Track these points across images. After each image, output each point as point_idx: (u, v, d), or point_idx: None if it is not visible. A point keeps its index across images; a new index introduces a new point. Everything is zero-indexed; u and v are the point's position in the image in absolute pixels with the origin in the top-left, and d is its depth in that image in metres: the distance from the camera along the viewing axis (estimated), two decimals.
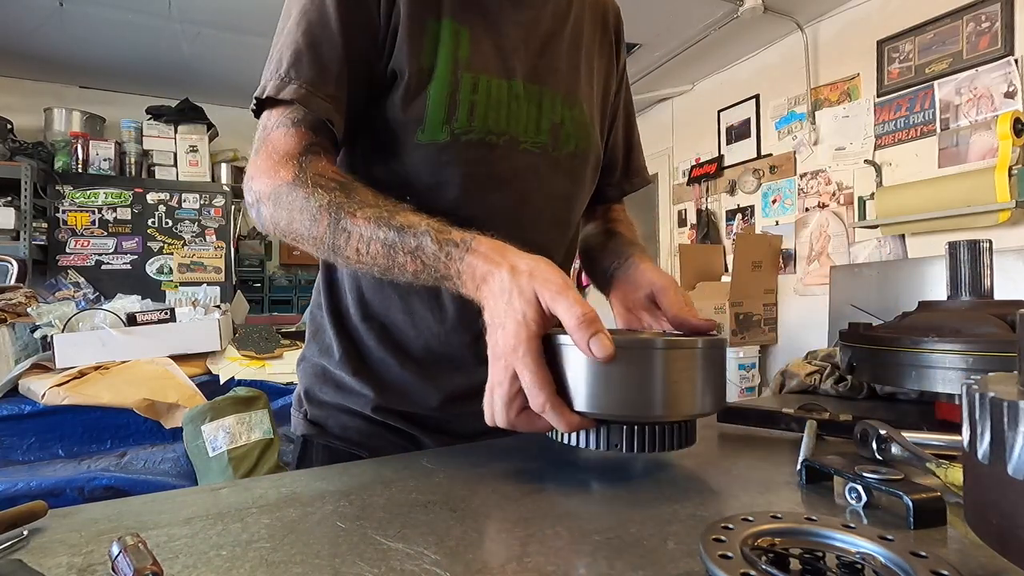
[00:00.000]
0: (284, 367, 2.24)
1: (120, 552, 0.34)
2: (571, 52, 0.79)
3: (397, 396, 0.75)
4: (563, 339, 0.51)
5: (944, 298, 0.79)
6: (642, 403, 0.50)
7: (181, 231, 4.19)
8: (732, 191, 4.26)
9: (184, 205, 4.20)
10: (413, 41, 0.67)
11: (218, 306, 2.49)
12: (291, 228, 0.62)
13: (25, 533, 0.40)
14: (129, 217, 4.07)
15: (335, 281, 0.80)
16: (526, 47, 0.74)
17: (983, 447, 0.29)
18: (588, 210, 0.96)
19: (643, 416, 0.51)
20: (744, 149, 4.15)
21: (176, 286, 4.04)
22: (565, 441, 0.53)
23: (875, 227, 3.16)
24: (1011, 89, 2.68)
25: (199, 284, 3.91)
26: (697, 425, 0.57)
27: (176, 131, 4.24)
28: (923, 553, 0.30)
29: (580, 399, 0.50)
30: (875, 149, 3.24)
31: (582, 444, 0.52)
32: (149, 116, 4.24)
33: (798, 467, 0.51)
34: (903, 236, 3.13)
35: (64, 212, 3.91)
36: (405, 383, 0.75)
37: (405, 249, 0.56)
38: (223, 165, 4.41)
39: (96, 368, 1.98)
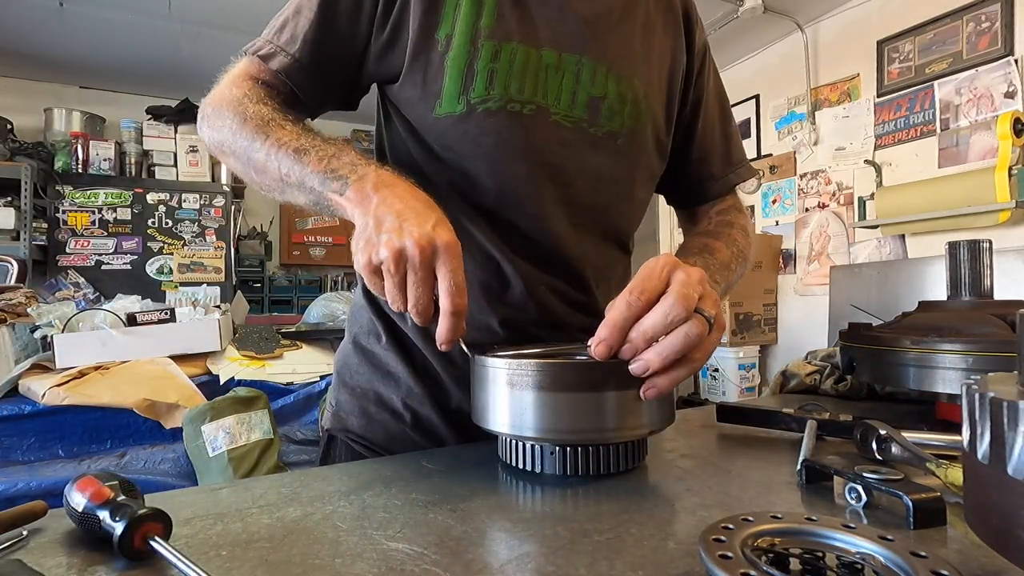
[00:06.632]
0: (284, 367, 2.24)
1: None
2: (624, 26, 0.74)
3: (429, 380, 0.72)
4: (492, 361, 0.53)
5: (944, 298, 0.79)
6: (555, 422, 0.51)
7: (181, 231, 4.19)
8: None
9: (184, 205, 4.19)
10: (428, 16, 0.66)
11: (218, 306, 2.49)
12: (221, 135, 0.65)
13: (25, 533, 0.40)
14: (129, 217, 4.07)
15: None
16: (565, 17, 0.70)
17: (983, 447, 0.29)
18: (691, 213, 0.90)
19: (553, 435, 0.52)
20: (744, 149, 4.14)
21: (176, 286, 4.03)
22: (520, 465, 0.54)
23: (875, 227, 3.16)
24: (1011, 89, 2.68)
25: (199, 284, 3.91)
26: (648, 442, 0.57)
27: (176, 131, 4.23)
28: (923, 553, 0.30)
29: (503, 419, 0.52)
30: (875, 149, 3.24)
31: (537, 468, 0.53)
32: (149, 116, 4.24)
33: (798, 467, 0.51)
34: (903, 236, 3.12)
35: (64, 212, 3.91)
36: (439, 368, 0.72)
37: (318, 153, 0.58)
38: (223, 165, 4.40)
39: (96, 368, 1.98)
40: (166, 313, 2.17)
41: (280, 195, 0.62)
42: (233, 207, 4.39)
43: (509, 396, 0.52)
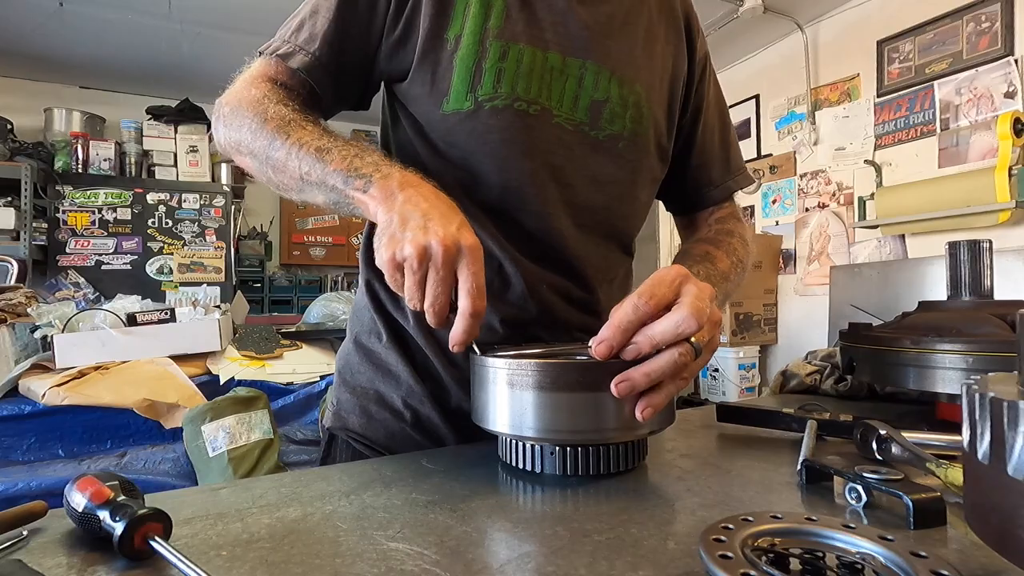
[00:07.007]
0: (284, 367, 2.24)
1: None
2: (626, 32, 0.75)
3: (429, 379, 0.72)
4: (492, 361, 0.53)
5: (944, 298, 0.79)
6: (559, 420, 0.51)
7: (181, 231, 4.19)
8: None
9: (184, 205, 4.20)
10: (438, 17, 0.68)
11: (218, 306, 2.49)
12: (239, 135, 0.65)
13: (25, 533, 0.40)
14: (129, 217, 4.07)
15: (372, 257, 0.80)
16: (569, 21, 0.71)
17: (983, 447, 0.29)
18: (690, 219, 0.91)
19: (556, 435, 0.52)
20: (744, 149, 4.09)
21: (176, 286, 4.03)
22: (520, 465, 0.54)
23: (875, 227, 3.16)
24: (1011, 89, 2.68)
25: (199, 284, 3.91)
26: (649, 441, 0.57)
27: (176, 131, 4.24)
28: (923, 553, 0.30)
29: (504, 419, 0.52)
30: (875, 149, 3.24)
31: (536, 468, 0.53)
32: (149, 116, 4.24)
33: (798, 467, 0.51)
34: (903, 236, 3.12)
35: (64, 212, 3.91)
36: (439, 368, 0.72)
37: (341, 152, 0.58)
38: (223, 165, 4.41)
39: (96, 368, 1.98)
40: (166, 313, 2.17)
41: (298, 194, 0.62)
42: (233, 207, 4.39)
43: (509, 396, 0.52)
